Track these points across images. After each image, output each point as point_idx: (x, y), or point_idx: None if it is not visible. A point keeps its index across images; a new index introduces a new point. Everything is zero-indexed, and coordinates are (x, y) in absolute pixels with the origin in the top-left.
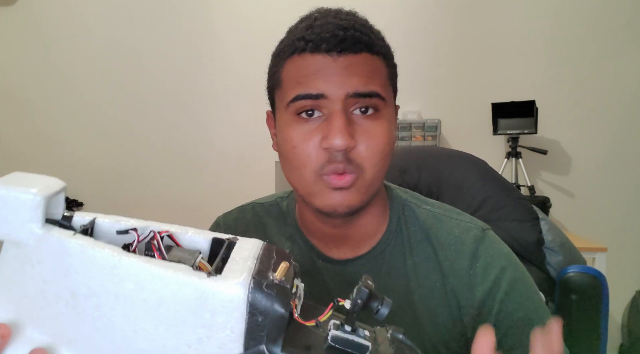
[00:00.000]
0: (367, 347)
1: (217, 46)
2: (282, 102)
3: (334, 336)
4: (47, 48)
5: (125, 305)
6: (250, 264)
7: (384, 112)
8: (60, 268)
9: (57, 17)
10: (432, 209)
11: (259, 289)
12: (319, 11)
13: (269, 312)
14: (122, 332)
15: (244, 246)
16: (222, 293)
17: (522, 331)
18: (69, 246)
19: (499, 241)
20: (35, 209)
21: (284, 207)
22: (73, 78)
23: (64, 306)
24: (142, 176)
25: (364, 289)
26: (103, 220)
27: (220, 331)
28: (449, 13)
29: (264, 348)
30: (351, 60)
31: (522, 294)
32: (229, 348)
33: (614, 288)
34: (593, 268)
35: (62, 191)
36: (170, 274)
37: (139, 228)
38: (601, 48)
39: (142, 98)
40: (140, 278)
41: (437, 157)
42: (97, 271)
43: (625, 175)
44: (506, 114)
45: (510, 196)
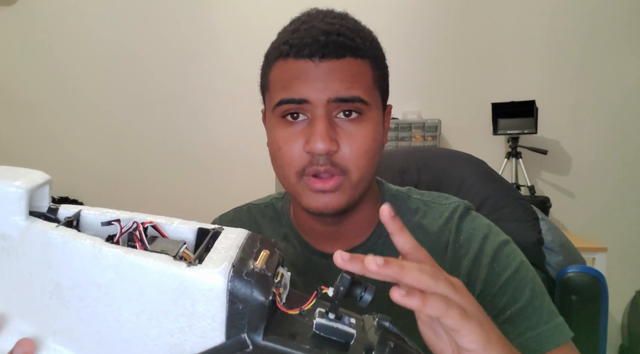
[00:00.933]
0: (352, 335)
1: (218, 46)
2: (269, 105)
3: (318, 323)
4: (47, 48)
5: (108, 295)
6: (232, 253)
7: (368, 115)
8: (44, 259)
9: (57, 17)
10: (422, 198)
11: (238, 277)
12: (308, 14)
13: (248, 300)
14: (105, 322)
15: (228, 235)
16: (202, 282)
17: (515, 288)
18: (52, 237)
19: (481, 217)
20: (19, 201)
21: (279, 208)
22: (73, 78)
23: (49, 298)
24: (142, 175)
25: (345, 276)
26: (88, 212)
27: (201, 319)
28: (449, 13)
29: (245, 336)
30: (333, 65)
31: (509, 254)
32: (210, 337)
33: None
34: (593, 268)
35: (46, 184)
36: (150, 263)
37: (122, 219)
38: (601, 48)
39: (142, 98)
40: (121, 268)
41: (437, 157)
42: (79, 262)
43: (625, 175)
44: (506, 114)
45: (510, 196)
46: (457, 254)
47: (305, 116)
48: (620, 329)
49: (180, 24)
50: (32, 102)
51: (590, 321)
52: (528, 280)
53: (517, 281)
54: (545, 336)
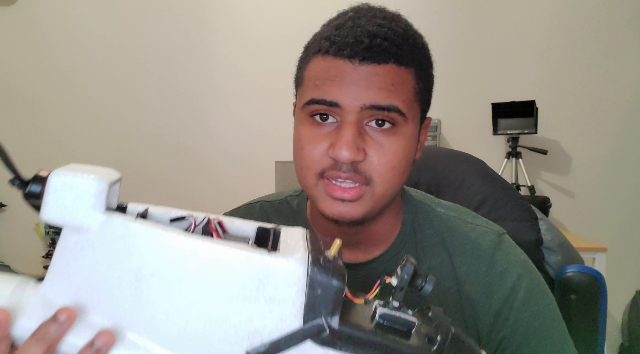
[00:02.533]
0: (413, 323)
1: (218, 46)
2: (300, 101)
3: (382, 313)
4: (47, 48)
5: (190, 283)
6: (303, 244)
7: (402, 129)
8: (124, 250)
9: (57, 17)
10: (446, 212)
11: (317, 263)
12: (357, 9)
13: (327, 285)
14: (185, 311)
15: (289, 232)
16: (284, 268)
17: (538, 342)
18: (133, 228)
19: (516, 247)
20: (100, 195)
21: (295, 206)
22: (73, 78)
23: (127, 288)
24: (142, 175)
25: (409, 265)
26: (155, 210)
27: (281, 304)
28: (449, 13)
29: (323, 320)
30: (373, 70)
31: (539, 302)
32: (289, 322)
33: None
34: (592, 268)
35: (119, 181)
36: (234, 251)
37: (193, 214)
38: (601, 48)
39: (143, 98)
40: (204, 256)
41: (436, 157)
42: (162, 252)
43: (625, 175)
44: (506, 114)
45: (509, 196)
46: (489, 288)
47: (335, 118)
48: (620, 329)
49: (180, 23)
50: (33, 101)
51: (589, 321)
52: (551, 333)
53: (542, 335)
54: None
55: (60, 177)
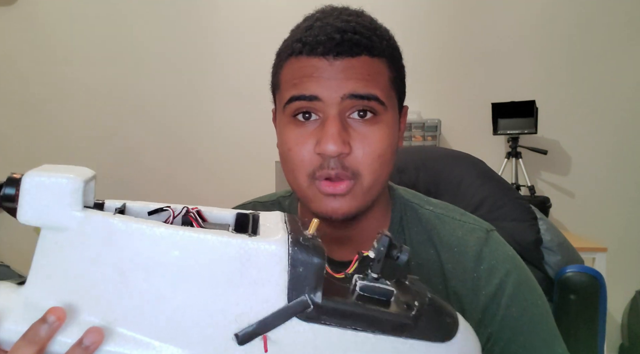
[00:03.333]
0: (392, 291)
1: (218, 46)
2: (280, 104)
3: (362, 285)
4: (47, 48)
5: (173, 274)
6: (282, 226)
7: (383, 117)
8: (105, 246)
9: (57, 17)
10: (434, 210)
11: (297, 243)
12: (323, 11)
13: (308, 263)
14: (172, 301)
15: (267, 216)
16: (265, 250)
17: (527, 337)
18: (113, 223)
19: (504, 243)
20: (76, 193)
21: (286, 207)
22: (73, 78)
23: (111, 284)
24: (142, 176)
25: (384, 237)
26: (133, 204)
27: (265, 285)
28: (449, 13)
29: (306, 296)
30: (348, 63)
31: (527, 298)
32: (274, 301)
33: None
34: (591, 268)
35: (93, 178)
36: (215, 238)
37: (171, 206)
38: (601, 48)
39: (143, 98)
40: (186, 245)
41: (435, 157)
42: (143, 244)
43: (626, 175)
44: (506, 114)
45: (509, 196)
46: (476, 284)
47: (317, 115)
48: (620, 329)
49: (180, 23)
50: (32, 102)
51: (589, 321)
52: (540, 327)
53: (530, 330)
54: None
55: (34, 178)
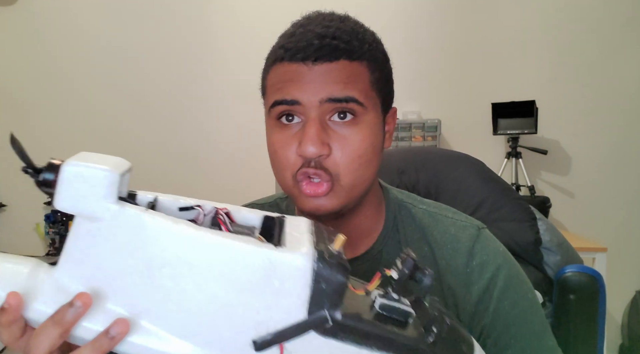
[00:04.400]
0: (411, 313)
1: (217, 47)
2: (266, 107)
3: (382, 304)
4: (46, 48)
5: (199, 275)
6: (308, 237)
7: (364, 118)
8: (136, 240)
9: (57, 17)
10: (427, 209)
11: (322, 259)
12: (308, 17)
13: (331, 280)
14: (194, 300)
15: (293, 222)
16: (291, 262)
17: (518, 329)
18: (145, 219)
19: (495, 240)
20: (112, 186)
21: (284, 208)
22: (72, 78)
23: (139, 277)
24: (141, 177)
25: (409, 260)
26: (164, 198)
27: (287, 297)
28: (449, 13)
29: (326, 312)
30: (327, 68)
31: (518, 292)
32: (294, 314)
33: (614, 288)
34: (590, 268)
35: (129, 170)
36: (243, 245)
37: (202, 205)
38: (601, 48)
39: (142, 99)
40: (214, 249)
41: (435, 158)
42: (173, 243)
43: (626, 175)
44: (506, 114)
45: (508, 197)
46: (468, 279)
47: (300, 118)
48: (620, 329)
49: (179, 24)
50: (32, 102)
51: (588, 321)
52: (531, 320)
53: (521, 322)
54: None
55: (73, 167)
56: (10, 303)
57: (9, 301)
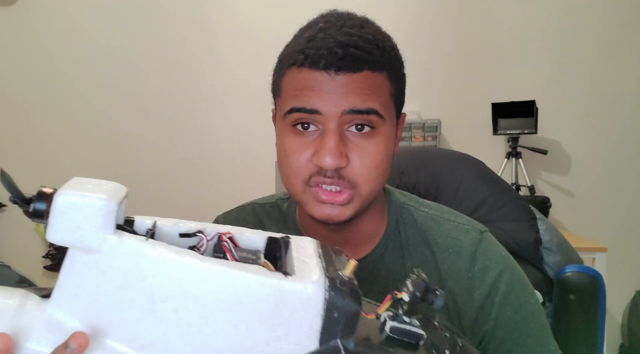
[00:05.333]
0: (422, 335)
1: (216, 48)
2: (280, 111)
3: (392, 327)
4: (46, 48)
5: (205, 307)
6: (317, 262)
7: (381, 130)
8: (135, 273)
9: (56, 17)
10: (429, 212)
11: (334, 287)
12: (326, 19)
13: (344, 308)
14: (200, 334)
15: (299, 243)
16: (301, 292)
17: (520, 334)
18: (145, 250)
19: (497, 244)
20: (109, 215)
21: (284, 209)
22: (72, 79)
23: (139, 311)
24: (141, 177)
25: (421, 282)
26: (163, 223)
27: (298, 328)
28: (449, 13)
29: (339, 342)
30: (349, 78)
31: (520, 297)
32: (305, 344)
33: (614, 288)
34: (590, 268)
35: (126, 197)
36: (251, 276)
37: (204, 230)
38: (601, 48)
39: (141, 99)
40: (220, 279)
41: (435, 158)
42: (176, 275)
43: (626, 175)
44: (506, 114)
45: (508, 196)
46: (470, 284)
47: (317, 127)
48: (620, 329)
49: (179, 25)
50: (31, 102)
51: (588, 320)
52: (533, 326)
53: (523, 328)
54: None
55: (66, 197)
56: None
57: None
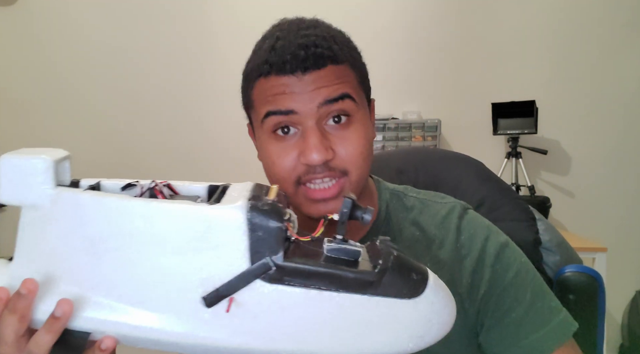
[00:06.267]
0: (359, 251)
1: (216, 47)
2: (256, 120)
3: (329, 247)
4: (46, 48)
5: (139, 242)
6: (245, 193)
7: (357, 117)
8: (76, 220)
9: (56, 17)
10: (418, 196)
11: (255, 208)
12: (280, 28)
13: (266, 227)
14: (141, 267)
15: (236, 187)
16: (224, 216)
17: (517, 290)
18: (82, 198)
19: (480, 216)
20: (47, 171)
21: None
22: (72, 79)
23: (85, 254)
24: (141, 177)
25: (347, 200)
26: (107, 181)
27: (226, 250)
28: (449, 13)
29: (268, 259)
30: (316, 75)
31: (509, 256)
32: (237, 265)
33: (614, 288)
34: (590, 268)
35: (67, 158)
36: (176, 206)
37: (140, 181)
38: (601, 48)
39: (141, 99)
40: (149, 214)
41: (434, 158)
42: (110, 216)
43: (626, 175)
44: (506, 114)
45: (507, 196)
46: (459, 254)
47: (296, 128)
48: (620, 329)
49: (179, 25)
50: (31, 102)
51: (588, 321)
52: (529, 281)
53: (519, 283)
54: (547, 337)
55: (8, 159)
56: (30, 287)
57: (28, 286)
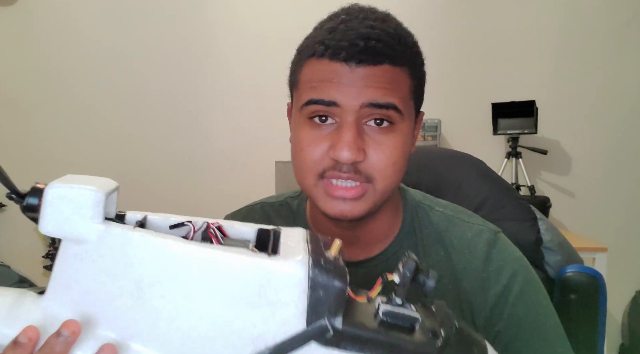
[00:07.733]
0: (417, 319)
1: (216, 48)
2: (297, 103)
3: (385, 310)
4: (46, 48)
5: (190, 291)
6: (304, 245)
7: (399, 126)
8: (124, 260)
9: (56, 17)
10: (444, 211)
11: (318, 265)
12: (348, 11)
13: (329, 286)
14: (188, 319)
15: (289, 233)
16: (285, 271)
17: (531, 336)
18: (132, 237)
19: (511, 245)
20: (97, 205)
21: (295, 207)
22: (72, 79)
23: (129, 298)
24: (141, 178)
25: (411, 262)
26: (154, 217)
27: (283, 307)
28: (449, 13)
29: (326, 321)
30: (369, 71)
31: (533, 298)
32: (292, 324)
33: (615, 287)
34: (591, 268)
35: (116, 190)
36: (234, 256)
37: (192, 220)
38: (601, 48)
39: (141, 100)
40: (204, 263)
41: (436, 157)
42: (161, 260)
43: (626, 175)
44: (506, 114)
45: (509, 196)
46: (485, 284)
47: (334, 120)
48: (621, 329)
49: (179, 25)
50: (31, 102)
51: (589, 320)
52: (545, 327)
53: (535, 328)
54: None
55: (56, 189)
56: (30, 336)
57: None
